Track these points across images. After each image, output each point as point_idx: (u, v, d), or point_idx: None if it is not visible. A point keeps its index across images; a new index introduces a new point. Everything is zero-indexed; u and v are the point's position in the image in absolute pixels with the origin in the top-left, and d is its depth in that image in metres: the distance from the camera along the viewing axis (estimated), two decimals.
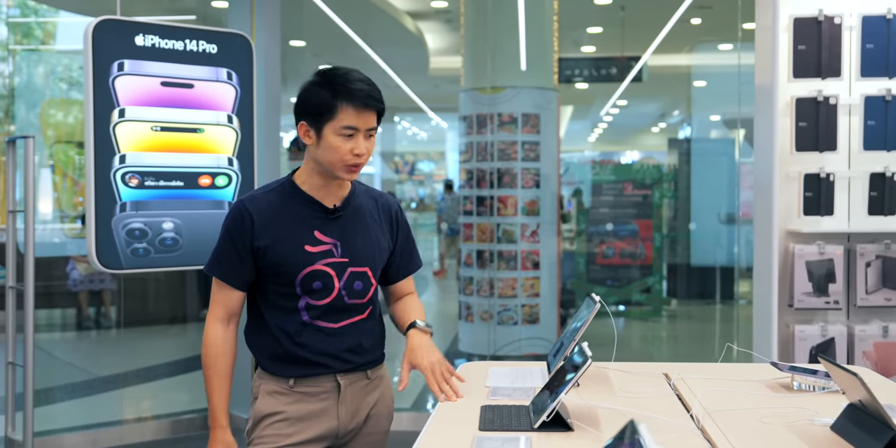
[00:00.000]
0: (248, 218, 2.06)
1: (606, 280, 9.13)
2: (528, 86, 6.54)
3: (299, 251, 2.05)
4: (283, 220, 2.07)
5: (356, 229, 2.13)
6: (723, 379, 2.11)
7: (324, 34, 9.38)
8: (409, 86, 12.72)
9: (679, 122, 14.67)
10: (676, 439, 1.62)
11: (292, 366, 2.09)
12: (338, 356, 2.11)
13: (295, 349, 2.08)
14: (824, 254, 3.56)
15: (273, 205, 2.08)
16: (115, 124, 3.68)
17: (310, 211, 2.09)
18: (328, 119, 1.98)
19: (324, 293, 2.08)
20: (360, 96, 1.97)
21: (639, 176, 9.25)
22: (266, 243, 2.05)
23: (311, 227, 2.07)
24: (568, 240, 9.84)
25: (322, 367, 2.10)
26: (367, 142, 2.02)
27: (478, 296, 6.57)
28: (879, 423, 1.51)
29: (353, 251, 2.10)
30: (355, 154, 2.00)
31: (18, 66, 12.98)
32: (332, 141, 1.99)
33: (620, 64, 9.82)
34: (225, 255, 2.08)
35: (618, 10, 9.07)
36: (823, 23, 3.52)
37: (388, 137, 16.84)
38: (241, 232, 2.06)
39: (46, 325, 8.51)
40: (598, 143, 19.17)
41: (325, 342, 2.09)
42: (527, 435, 1.66)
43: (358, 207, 2.15)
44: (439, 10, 9.41)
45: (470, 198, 6.64)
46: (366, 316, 2.15)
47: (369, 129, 2.01)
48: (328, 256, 2.07)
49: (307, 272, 2.05)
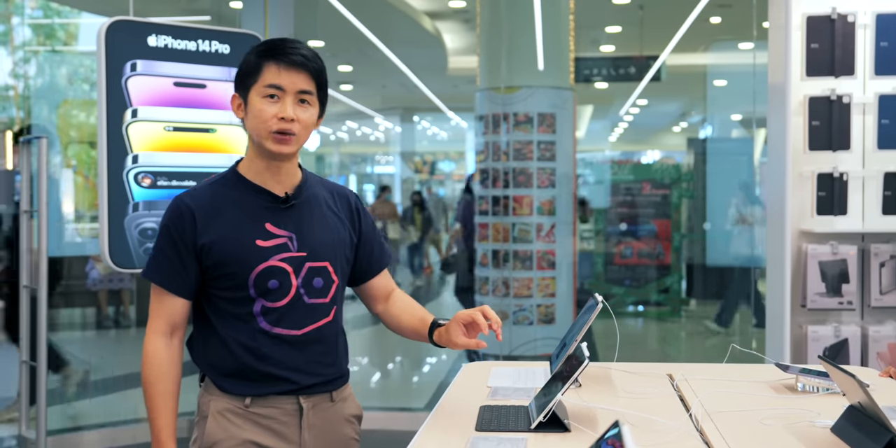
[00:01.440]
0: (189, 213, 1.83)
1: (624, 280, 9.10)
2: (544, 85, 6.52)
3: (250, 247, 1.82)
4: (229, 212, 1.84)
5: (313, 220, 1.89)
6: (727, 380, 2.10)
7: (342, 35, 9.40)
8: (428, 86, 12.73)
9: (700, 121, 14.59)
10: (674, 441, 1.61)
11: (250, 382, 1.85)
12: (304, 369, 1.87)
13: (253, 363, 1.83)
14: (837, 254, 3.52)
15: (216, 196, 1.85)
16: (128, 124, 3.71)
17: (258, 201, 1.86)
18: (252, 82, 1.81)
19: (280, 293, 1.84)
20: (286, 52, 1.79)
21: (657, 176, 9.21)
22: (211, 239, 1.81)
23: (262, 220, 1.84)
24: (586, 240, 9.82)
25: (285, 382, 1.86)
26: (299, 108, 1.80)
27: (493, 296, 6.55)
28: (878, 426, 1.49)
29: (310, 244, 1.87)
30: (280, 118, 1.78)
31: (41, 66, 13.12)
32: (255, 104, 1.79)
33: (639, 63, 9.78)
34: (165, 257, 1.84)
35: (636, 9, 9.04)
36: (837, 21, 3.49)
37: (407, 137, 16.85)
38: (182, 229, 1.83)
39: (67, 324, 8.59)
40: (618, 142, 19.10)
41: (289, 353, 1.85)
42: (523, 436, 1.66)
43: (313, 197, 1.92)
44: (457, 10, 9.41)
45: (486, 197, 6.63)
46: (331, 318, 1.91)
47: (301, 92, 1.80)
48: (283, 251, 1.84)
49: (261, 270, 1.82)
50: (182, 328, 1.90)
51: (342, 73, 12.36)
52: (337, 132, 19.80)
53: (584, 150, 18.32)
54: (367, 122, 18.19)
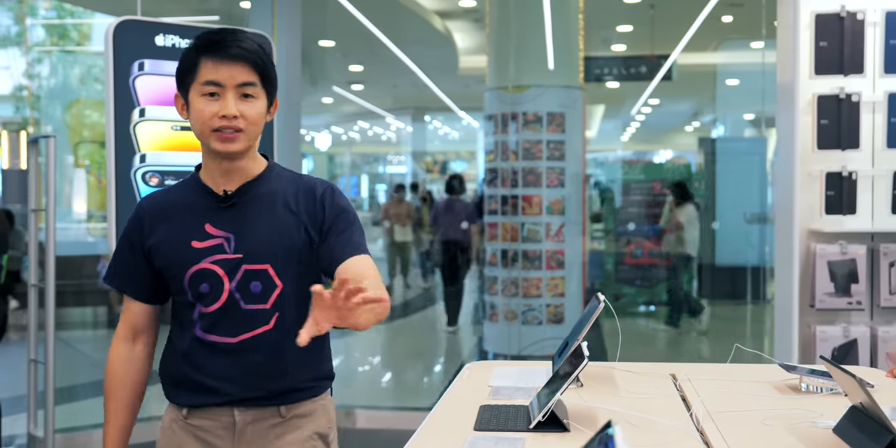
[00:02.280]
0: (140, 215, 1.80)
1: (635, 280, 9.07)
2: (553, 85, 6.50)
3: (186, 248, 1.75)
4: (178, 214, 1.78)
5: (256, 219, 1.76)
6: (730, 380, 2.08)
7: (352, 34, 9.41)
8: (439, 85, 12.73)
9: (712, 121, 14.54)
10: (673, 441, 1.60)
11: (185, 391, 1.78)
12: (238, 380, 1.75)
13: (189, 371, 1.76)
14: (846, 253, 3.50)
15: (168, 197, 1.81)
16: (136, 124, 3.71)
17: (203, 200, 1.78)
18: (191, 80, 1.70)
19: (212, 297, 1.74)
20: (220, 45, 1.68)
21: (668, 175, 9.17)
22: (155, 242, 1.77)
23: (203, 220, 1.76)
24: (597, 239, 9.79)
25: (216, 394, 1.75)
26: (243, 102, 1.69)
27: (502, 295, 6.55)
28: (880, 427, 1.47)
29: (248, 245, 1.74)
30: (221, 116, 1.68)
31: (54, 67, 13.18)
32: (196, 103, 1.69)
33: (650, 63, 9.75)
34: (121, 260, 1.82)
35: (647, 8, 9.01)
36: (846, 19, 3.46)
37: (418, 137, 16.85)
38: (133, 231, 1.80)
39: (79, 322, 8.64)
40: (631, 142, 19.05)
41: (220, 362, 1.75)
42: (521, 435, 1.65)
43: (264, 194, 1.79)
44: (468, 10, 9.40)
45: (495, 197, 6.62)
46: (271, 326, 1.75)
47: (242, 85, 1.69)
48: (217, 252, 1.74)
49: (192, 272, 1.74)
50: (146, 333, 1.84)
51: (353, 72, 12.37)
52: (349, 132, 19.83)
53: (595, 149, 18.31)
54: (378, 122, 18.21)
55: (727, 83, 11.15)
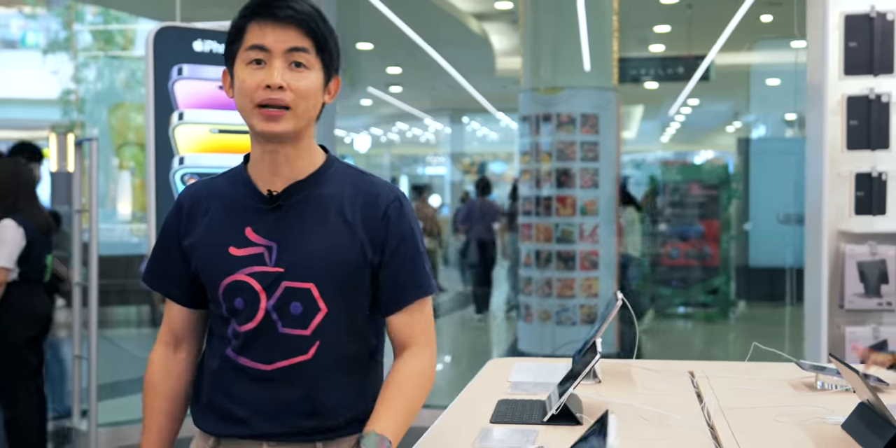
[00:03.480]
0: (179, 209, 1.56)
1: (672, 281, 9.04)
2: (587, 86, 6.53)
3: (222, 254, 1.50)
4: (217, 210, 1.53)
5: (304, 227, 1.49)
6: (747, 378, 2.11)
7: (388, 37, 9.49)
8: (476, 87, 12.78)
9: (753, 120, 14.42)
10: (682, 435, 1.64)
11: (214, 419, 1.54)
12: (269, 414, 1.50)
13: (214, 394, 1.53)
14: (876, 254, 3.49)
15: (212, 190, 1.56)
16: (175, 127, 3.82)
17: (244, 199, 1.52)
18: (236, 48, 1.47)
19: (247, 315, 1.49)
20: (268, 6, 1.44)
21: (705, 176, 9.14)
22: (192, 241, 1.53)
23: (244, 223, 1.50)
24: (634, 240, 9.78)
25: (243, 425, 1.51)
26: (291, 72, 1.44)
27: (537, 296, 6.58)
28: (885, 422, 1.50)
29: (292, 258, 1.48)
30: (265, 86, 1.42)
31: (100, 71, 13.46)
32: (239, 73, 1.45)
33: (687, 63, 9.72)
34: (158, 257, 1.60)
35: (685, 8, 8.98)
36: (875, 19, 3.45)
37: (457, 138, 16.92)
38: (171, 227, 1.57)
39: (123, 321, 8.83)
40: (671, 142, 18.94)
41: (250, 389, 1.50)
42: (535, 428, 1.70)
43: (316, 198, 1.51)
44: (504, 12, 9.45)
45: (529, 198, 6.66)
46: (310, 357, 1.49)
47: (291, 50, 1.43)
48: (255, 263, 1.48)
49: (228, 283, 1.49)
50: (188, 341, 1.61)
51: (391, 75, 12.48)
52: (387, 133, 19.95)
53: (635, 150, 18.23)
54: (417, 124, 18.31)
55: (767, 83, 11.07)
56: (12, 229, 3.98)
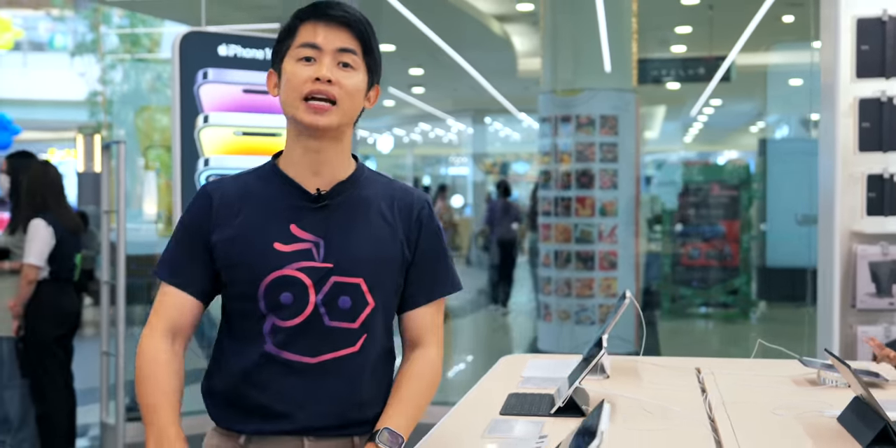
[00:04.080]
0: (208, 203, 1.57)
1: (692, 281, 9.07)
2: (606, 87, 6.59)
3: (267, 249, 1.52)
4: (253, 207, 1.56)
5: (350, 225, 1.56)
6: (752, 374, 2.18)
7: (412, 39, 9.58)
8: (498, 88, 12.85)
9: (776, 121, 14.39)
10: (681, 426, 1.71)
11: (245, 416, 1.54)
12: (308, 407, 1.52)
13: (249, 391, 1.53)
14: (888, 254, 3.53)
15: (243, 188, 1.58)
16: (200, 129, 3.93)
17: (288, 197, 1.56)
18: (287, 46, 1.55)
19: (294, 310, 1.52)
20: (323, 9, 1.53)
21: (726, 177, 9.16)
22: (225, 237, 1.54)
23: (288, 220, 1.54)
24: (654, 241, 9.82)
25: (284, 420, 1.52)
26: (339, 70, 1.52)
27: (556, 295, 6.65)
28: (875, 415, 1.57)
29: (341, 254, 1.54)
30: (315, 79, 1.50)
31: (126, 73, 13.65)
32: (289, 68, 1.53)
33: (708, 63, 9.74)
34: (177, 250, 1.59)
35: (706, 9, 9.01)
36: (888, 23, 3.50)
37: (479, 139, 16.99)
38: (198, 220, 1.56)
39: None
40: (694, 142, 18.91)
41: (294, 384, 1.52)
42: (542, 420, 1.78)
43: (359, 199, 1.59)
44: (525, 13, 9.51)
45: (548, 199, 6.73)
46: (356, 349, 1.54)
47: (341, 51, 1.52)
48: (304, 258, 1.53)
49: (273, 279, 1.51)
50: (185, 336, 1.58)
51: (413, 76, 12.58)
52: (410, 134, 20.07)
53: (657, 150, 18.22)
54: (439, 124, 18.41)
55: (790, 83, 11.06)
56: (42, 228, 4.10)
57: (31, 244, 4.08)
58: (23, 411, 4.30)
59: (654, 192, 11.62)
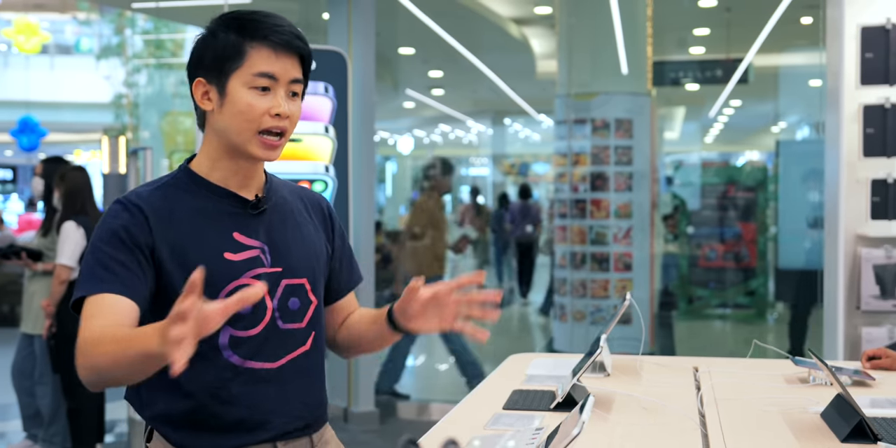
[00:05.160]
0: (140, 215, 1.47)
1: (709, 283, 9.14)
2: (621, 91, 6.68)
3: (217, 261, 1.47)
4: (188, 218, 1.49)
5: (286, 228, 1.57)
6: (747, 373, 2.28)
7: (431, 42, 9.71)
8: (517, 90, 12.96)
9: (797, 122, 14.39)
10: (672, 421, 1.82)
11: (218, 434, 1.49)
12: (280, 412, 1.53)
13: (220, 409, 1.48)
14: (892, 258, 3.62)
15: (167, 199, 1.50)
16: None
17: (221, 206, 1.52)
18: (234, 67, 1.46)
19: (254, 319, 1.50)
20: (278, 32, 1.46)
21: (744, 178, 9.22)
22: (168, 250, 1.46)
23: (229, 228, 1.51)
24: (671, 242, 9.89)
25: (259, 430, 1.51)
26: (289, 101, 1.49)
27: (571, 296, 6.75)
28: (853, 411, 1.67)
29: (286, 257, 1.55)
30: (274, 114, 1.47)
31: (151, 76, 13.87)
32: (242, 96, 1.46)
33: (726, 65, 9.79)
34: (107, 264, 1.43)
35: (723, 11, 9.07)
36: (891, 31, 3.58)
37: (498, 140, 17.10)
38: (134, 232, 1.45)
39: None
40: (715, 143, 18.91)
41: (263, 392, 1.51)
42: (542, 414, 1.89)
43: (282, 202, 1.60)
44: (543, 16, 9.61)
45: (564, 201, 6.83)
46: (308, 347, 1.57)
47: (293, 82, 1.49)
48: (256, 266, 1.51)
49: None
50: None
51: (433, 78, 12.72)
52: (430, 135, 20.20)
53: (678, 151, 18.22)
54: (459, 126, 18.52)
55: (810, 84, 11.09)
56: (73, 231, 4.27)
57: (63, 246, 4.25)
58: (54, 406, 4.47)
59: (674, 190, 11.69)
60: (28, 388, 4.59)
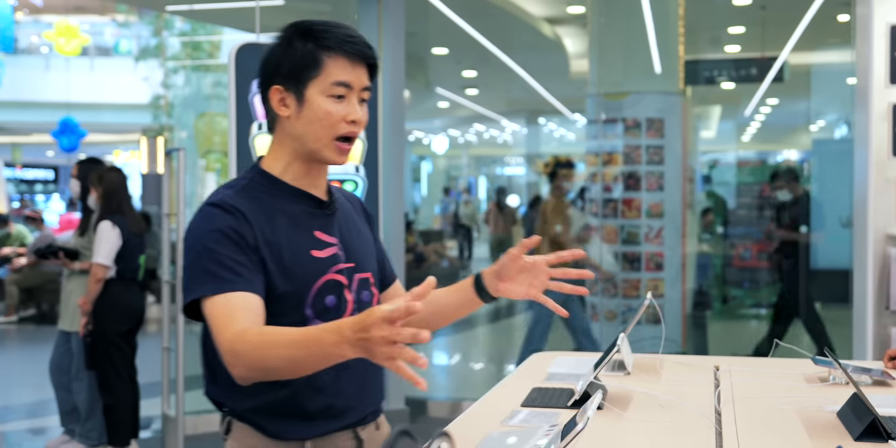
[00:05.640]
0: (241, 216, 1.55)
1: (743, 282, 9.08)
2: (653, 91, 6.67)
3: (307, 258, 1.58)
4: (276, 219, 1.58)
5: (349, 226, 1.70)
6: (767, 372, 2.29)
7: (465, 42, 9.74)
8: (550, 89, 12.95)
9: (836, 120, 14.23)
10: (686, 418, 1.84)
11: (309, 421, 1.59)
12: (360, 398, 1.65)
13: (312, 395, 1.58)
14: None
15: (255, 202, 1.58)
16: (255, 136, 4.13)
17: (300, 206, 1.62)
18: (312, 76, 1.55)
19: (338, 311, 1.61)
20: (352, 42, 1.56)
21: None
22: (267, 252, 1.55)
23: (311, 227, 1.61)
24: (705, 241, 9.83)
25: (345, 415, 1.62)
26: (361, 108, 1.59)
27: (602, 296, 6.75)
28: (867, 410, 1.68)
29: (355, 253, 1.67)
30: (350, 121, 1.57)
31: (188, 77, 14.05)
32: (320, 104, 1.55)
33: (761, 63, 9.72)
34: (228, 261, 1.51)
35: (758, 9, 9.01)
36: None
37: (532, 140, 17.09)
38: (241, 232, 1.53)
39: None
40: (752, 142, 18.74)
41: (347, 379, 1.61)
42: (558, 411, 1.92)
43: (342, 202, 1.72)
44: (576, 16, 9.61)
45: (595, 200, 6.84)
46: None
47: (364, 89, 1.59)
48: (337, 261, 1.62)
49: (321, 285, 1.58)
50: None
51: (467, 78, 12.75)
52: (465, 135, 20.24)
53: (714, 150, 18.08)
54: (494, 125, 18.54)
55: (848, 82, 10.96)
56: (109, 230, 4.37)
57: (99, 245, 4.35)
58: (90, 402, 4.57)
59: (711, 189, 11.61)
60: (65, 384, 4.71)
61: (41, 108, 17.15)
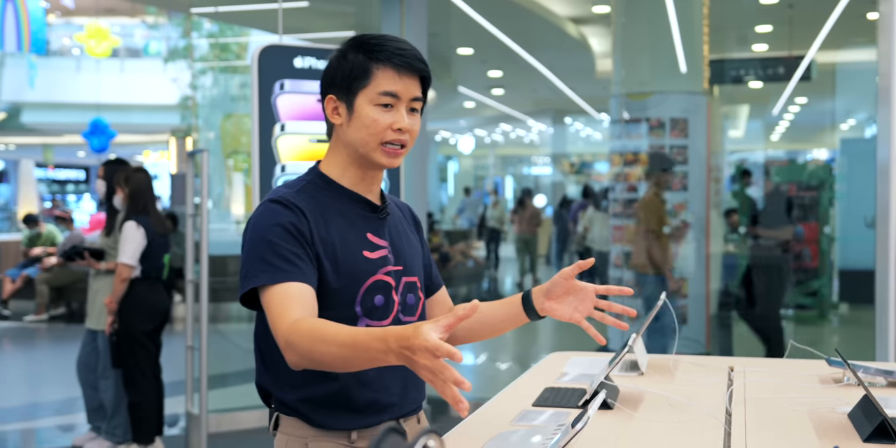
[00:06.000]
0: (300, 212, 1.64)
1: None
2: (677, 90, 6.64)
3: (358, 258, 1.67)
4: (332, 219, 1.68)
5: (400, 232, 1.79)
6: (781, 373, 2.28)
7: (490, 43, 9.75)
8: (575, 89, 12.93)
9: (866, 119, 14.07)
10: (695, 419, 1.85)
11: (355, 414, 1.67)
12: (404, 394, 1.75)
13: (359, 390, 1.67)
14: None
15: (314, 202, 1.68)
16: (277, 137, 4.18)
17: (356, 209, 1.72)
18: (362, 86, 1.64)
19: (385, 310, 1.70)
20: (401, 55, 1.64)
21: (806, 177, 9.06)
22: (322, 249, 1.64)
23: (363, 229, 1.70)
24: (732, 242, 9.77)
25: (389, 410, 1.71)
26: (410, 117, 1.66)
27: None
28: (877, 411, 1.68)
29: (403, 256, 1.76)
30: (396, 129, 1.64)
31: (216, 78, 14.17)
32: (368, 112, 1.64)
33: (789, 62, 9.64)
34: (287, 254, 1.59)
35: (786, 8, 8.94)
36: None
37: (558, 139, 17.06)
38: (298, 227, 1.62)
39: (235, 317, 9.35)
40: (781, 141, 18.58)
41: (392, 376, 1.70)
42: (568, 410, 1.93)
43: (393, 208, 1.82)
44: (601, 15, 9.59)
45: (619, 200, 6.82)
46: None
47: (413, 100, 1.66)
48: (386, 263, 1.71)
49: (369, 284, 1.68)
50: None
51: (493, 78, 12.76)
52: (491, 135, 20.24)
53: (742, 149, 17.95)
54: (520, 125, 18.53)
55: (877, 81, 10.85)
56: (134, 230, 4.43)
57: (124, 245, 4.41)
58: (116, 400, 4.63)
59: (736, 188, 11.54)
60: (92, 382, 4.78)
61: (72, 110, 17.37)
